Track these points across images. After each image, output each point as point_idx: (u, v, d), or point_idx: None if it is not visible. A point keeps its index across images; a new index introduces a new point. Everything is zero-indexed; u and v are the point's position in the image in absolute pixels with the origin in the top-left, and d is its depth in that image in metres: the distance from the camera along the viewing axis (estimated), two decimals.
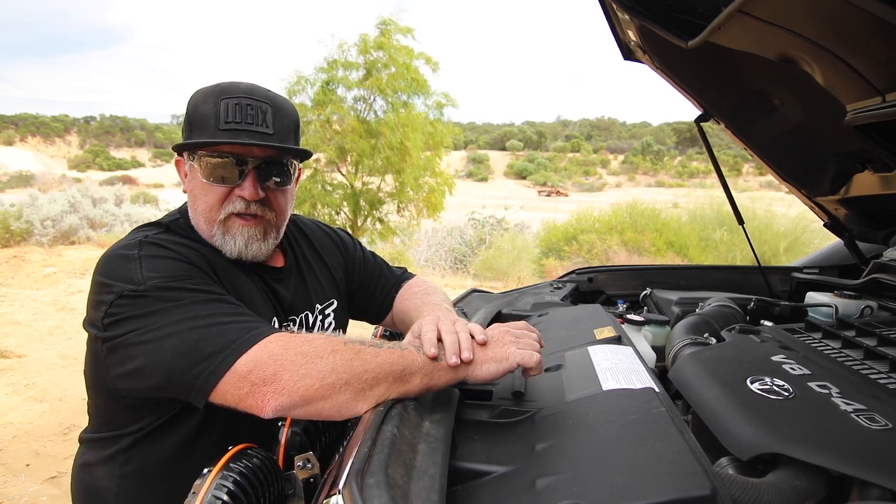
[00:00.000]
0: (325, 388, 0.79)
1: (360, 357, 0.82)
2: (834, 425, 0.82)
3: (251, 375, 0.79)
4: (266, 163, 1.02)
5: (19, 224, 9.75)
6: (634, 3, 1.25)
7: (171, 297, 0.86)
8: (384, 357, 0.83)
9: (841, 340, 1.20)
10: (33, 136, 67.02)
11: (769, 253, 8.41)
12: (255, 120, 0.99)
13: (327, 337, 0.85)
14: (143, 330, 0.84)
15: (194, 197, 1.03)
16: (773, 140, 1.71)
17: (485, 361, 0.87)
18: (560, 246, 10.83)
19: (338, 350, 0.82)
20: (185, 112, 1.03)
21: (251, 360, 0.80)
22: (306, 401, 0.79)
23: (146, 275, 0.88)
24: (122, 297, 0.86)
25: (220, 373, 0.80)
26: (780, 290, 2.06)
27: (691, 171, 56.31)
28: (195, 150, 1.00)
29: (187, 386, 0.82)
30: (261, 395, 0.79)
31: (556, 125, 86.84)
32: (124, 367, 0.87)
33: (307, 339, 0.84)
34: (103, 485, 1.00)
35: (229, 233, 1.03)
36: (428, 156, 10.02)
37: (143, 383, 0.86)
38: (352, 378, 0.80)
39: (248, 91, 1.01)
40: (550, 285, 2.04)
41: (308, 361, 0.80)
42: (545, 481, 0.65)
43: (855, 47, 0.96)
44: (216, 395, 0.82)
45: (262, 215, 1.05)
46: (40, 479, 2.84)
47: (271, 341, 0.83)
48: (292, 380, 0.79)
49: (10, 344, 4.88)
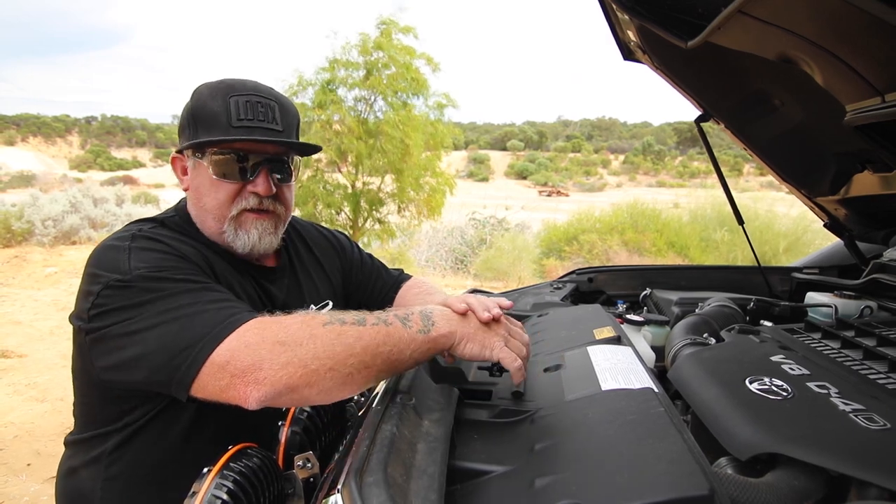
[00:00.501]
0: (308, 375, 0.76)
1: (341, 340, 0.79)
2: (833, 425, 0.82)
3: (229, 366, 0.77)
4: (275, 159, 1.04)
5: (21, 224, 9.76)
6: (634, 4, 1.25)
7: (156, 288, 0.85)
8: (368, 338, 0.80)
9: (840, 341, 1.20)
10: (35, 136, 67.12)
11: (769, 253, 8.41)
12: (265, 117, 1.00)
13: (304, 319, 0.81)
14: (128, 321, 0.83)
15: (200, 194, 1.03)
16: (772, 140, 1.71)
17: (471, 339, 0.86)
18: (560, 246, 10.83)
19: (317, 335, 0.79)
20: (186, 109, 1.02)
21: (227, 349, 0.78)
22: (290, 389, 0.76)
23: (134, 265, 0.87)
24: (109, 286, 0.85)
25: (199, 363, 0.78)
26: (780, 291, 2.06)
27: (692, 171, 56.28)
28: (204, 148, 1.00)
29: (168, 378, 0.80)
30: (242, 386, 0.76)
31: (556, 125, 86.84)
32: (109, 359, 0.85)
33: (283, 326, 0.80)
34: (87, 488, 0.97)
35: (242, 228, 1.04)
36: (428, 156, 10.03)
37: (128, 376, 0.84)
38: (336, 364, 0.77)
39: (255, 89, 1.02)
40: (550, 285, 2.04)
41: (287, 350, 0.77)
42: (544, 481, 0.65)
43: (854, 47, 0.96)
44: (197, 388, 0.79)
45: (274, 210, 1.07)
46: (41, 478, 2.85)
47: (247, 329, 0.80)
48: (272, 370, 0.76)
49: (11, 344, 4.88)
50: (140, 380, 0.83)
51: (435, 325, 0.85)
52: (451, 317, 0.88)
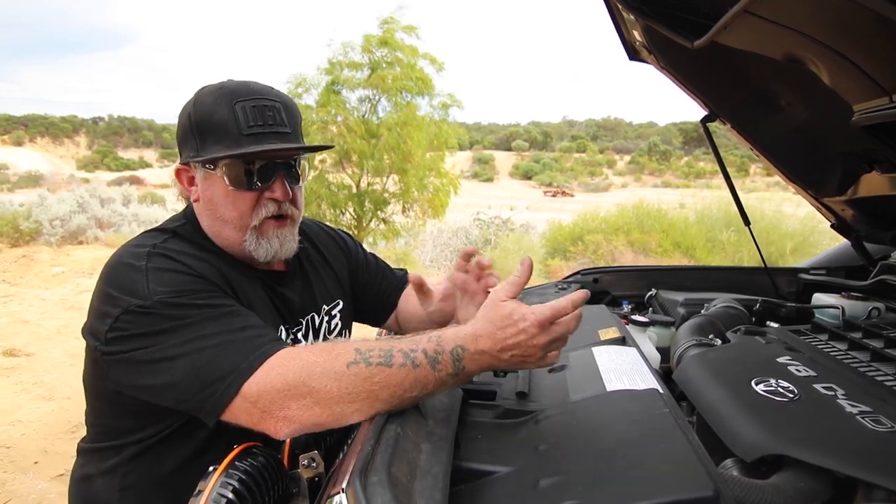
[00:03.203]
0: (334, 416, 0.79)
1: (366, 387, 0.78)
2: (839, 427, 0.81)
3: (259, 402, 0.79)
4: (287, 163, 1.03)
5: (28, 224, 9.83)
6: (639, 3, 1.24)
7: (178, 315, 0.85)
8: (395, 384, 0.78)
9: (847, 342, 1.19)
10: (42, 136, 67.58)
11: (776, 254, 8.36)
12: (274, 121, 0.99)
13: (329, 357, 0.80)
14: (151, 349, 0.84)
15: (215, 205, 1.00)
16: (779, 140, 1.70)
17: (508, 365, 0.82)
18: (566, 246, 10.80)
19: (342, 378, 0.78)
20: (188, 118, 0.99)
21: (256, 387, 0.80)
22: (318, 426, 0.80)
23: (153, 289, 0.86)
24: (128, 312, 0.85)
25: (229, 397, 0.80)
26: (787, 292, 2.04)
27: (698, 171, 55.98)
28: (217, 160, 0.97)
29: (198, 407, 0.82)
30: (272, 422, 0.79)
31: (561, 125, 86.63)
32: (132, 380, 0.86)
33: (308, 364, 0.80)
34: (104, 497, 0.97)
35: (264, 237, 1.03)
36: (432, 156, 10.03)
37: (155, 399, 0.86)
38: (361, 406, 0.79)
39: (258, 91, 1.00)
40: (555, 286, 2.04)
41: (312, 393, 0.78)
42: (548, 481, 0.65)
43: (862, 47, 0.96)
44: (228, 416, 0.82)
45: (291, 214, 1.06)
46: (48, 476, 2.86)
47: (274, 366, 0.81)
48: (300, 410, 0.79)
49: (18, 343, 4.92)
50: (167, 405, 0.85)
51: (466, 369, 0.80)
52: (481, 353, 0.79)
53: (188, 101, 1.02)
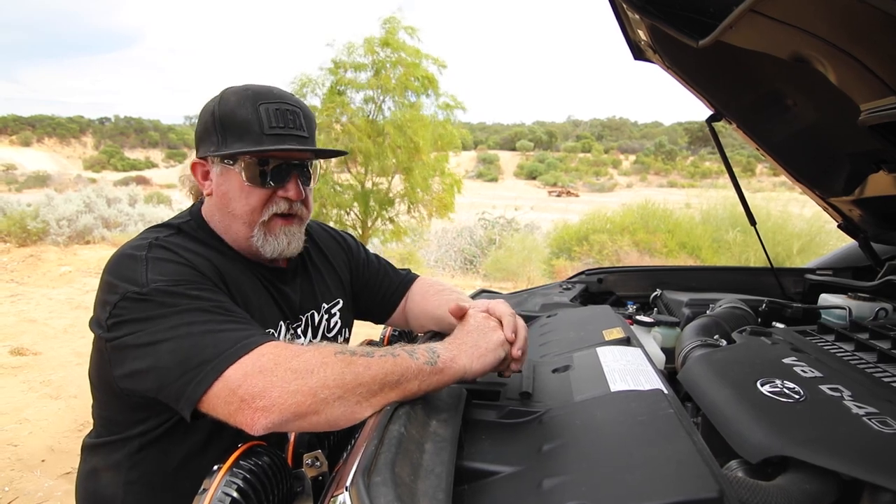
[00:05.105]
0: (316, 404, 0.77)
1: (351, 369, 0.80)
2: (845, 428, 0.81)
3: (240, 390, 0.78)
4: (302, 164, 1.08)
5: (36, 224, 9.91)
6: (644, 3, 1.24)
7: (171, 303, 0.87)
8: (377, 367, 0.81)
9: (854, 343, 1.19)
10: (49, 137, 68.13)
11: (783, 254, 8.31)
12: (294, 124, 1.04)
13: (317, 348, 0.83)
14: (141, 333, 0.85)
15: (228, 199, 1.04)
16: (785, 140, 1.69)
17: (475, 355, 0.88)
18: (570, 246, 10.78)
19: (328, 363, 0.80)
20: (211, 115, 1.03)
21: (241, 372, 0.79)
22: (297, 416, 0.77)
23: (150, 277, 0.89)
24: (126, 298, 0.87)
25: (209, 381, 0.79)
26: (793, 292, 2.03)
27: (703, 171, 55.74)
28: (237, 155, 1.01)
29: (177, 393, 0.81)
30: (250, 412, 0.77)
31: (566, 125, 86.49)
32: (123, 367, 0.87)
33: (296, 353, 0.81)
34: (110, 492, 0.99)
35: (271, 233, 1.07)
36: (437, 156, 10.04)
37: (140, 385, 0.86)
38: (345, 392, 0.79)
39: (280, 96, 1.05)
40: (560, 286, 2.04)
41: (298, 377, 0.78)
42: (552, 482, 0.65)
43: (869, 46, 0.95)
44: (205, 405, 0.80)
45: (300, 214, 1.11)
46: (55, 474, 2.89)
47: (262, 354, 0.81)
48: (282, 396, 0.76)
49: (26, 342, 4.96)
50: (151, 389, 0.85)
51: (440, 357, 0.85)
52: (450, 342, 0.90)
53: (212, 98, 1.06)
